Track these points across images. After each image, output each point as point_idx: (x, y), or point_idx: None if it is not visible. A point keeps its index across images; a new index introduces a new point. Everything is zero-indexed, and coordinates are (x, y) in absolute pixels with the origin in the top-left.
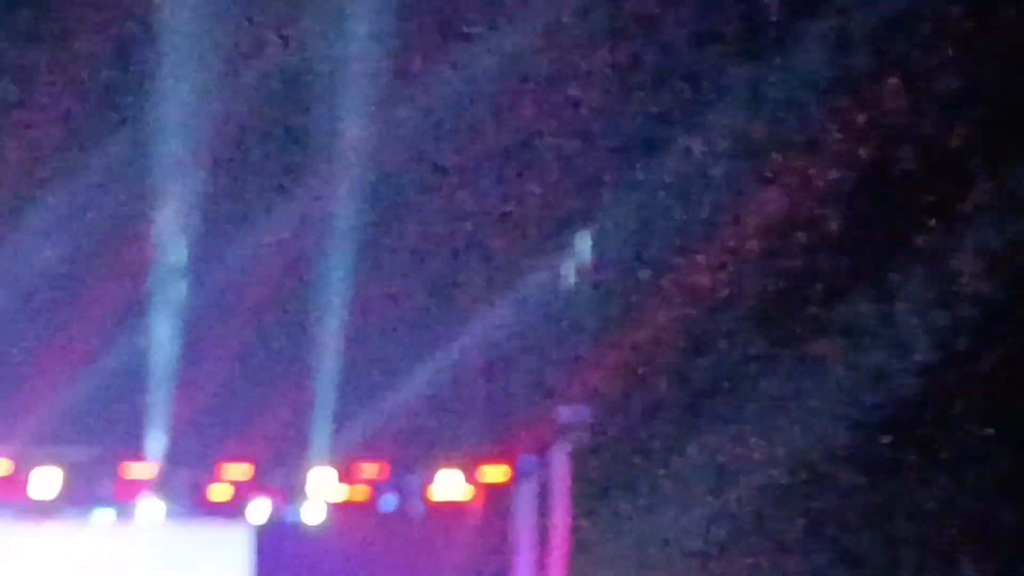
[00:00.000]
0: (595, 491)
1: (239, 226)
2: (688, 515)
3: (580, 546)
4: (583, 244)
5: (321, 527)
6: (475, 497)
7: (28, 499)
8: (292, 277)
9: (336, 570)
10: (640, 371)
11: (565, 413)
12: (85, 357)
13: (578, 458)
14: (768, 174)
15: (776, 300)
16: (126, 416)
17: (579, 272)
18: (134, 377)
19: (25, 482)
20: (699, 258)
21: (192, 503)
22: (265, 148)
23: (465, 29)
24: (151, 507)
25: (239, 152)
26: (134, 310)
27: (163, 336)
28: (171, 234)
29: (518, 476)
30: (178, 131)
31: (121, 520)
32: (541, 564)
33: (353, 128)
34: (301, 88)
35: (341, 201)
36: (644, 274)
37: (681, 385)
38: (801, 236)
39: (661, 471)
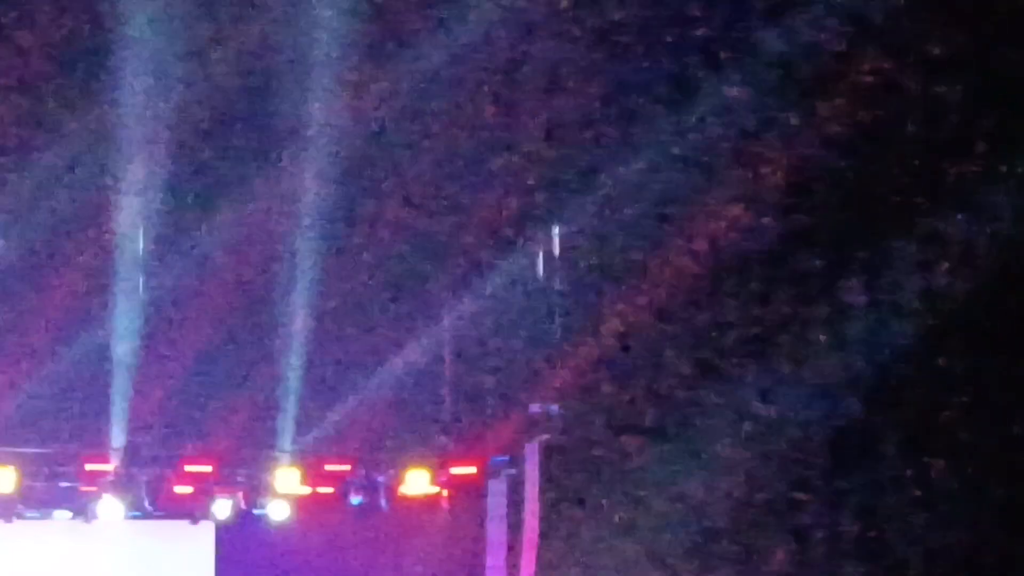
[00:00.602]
0: (565, 487)
1: (201, 219)
2: (659, 511)
3: (551, 542)
4: (551, 240)
5: (286, 524)
6: (445, 494)
7: None
8: (257, 271)
9: (301, 567)
10: (610, 367)
11: (535, 410)
12: (43, 353)
13: (548, 455)
14: (737, 166)
15: (747, 294)
16: (86, 413)
17: (548, 269)
18: (94, 373)
19: None
20: (668, 253)
21: (153, 501)
22: (230, 137)
23: (436, 18)
24: (111, 505)
25: (201, 141)
26: (94, 305)
27: (123, 331)
28: (131, 227)
29: (488, 473)
30: (138, 119)
31: (81, 518)
32: (512, 560)
33: (320, 119)
34: (267, 75)
35: (307, 195)
36: (613, 270)
37: (652, 381)
38: (771, 226)
39: (632, 467)
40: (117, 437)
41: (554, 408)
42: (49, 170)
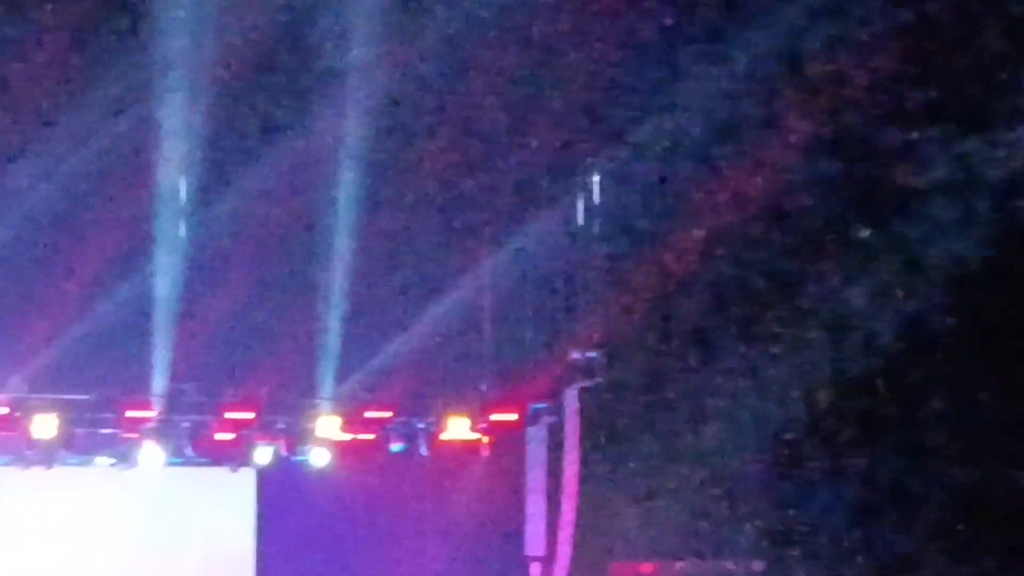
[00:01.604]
0: (605, 434)
1: (243, 163)
2: (699, 457)
3: (590, 489)
4: (591, 188)
5: (326, 470)
6: (485, 440)
7: (28, 444)
8: (298, 219)
9: (341, 513)
10: (650, 314)
11: (575, 356)
12: (85, 300)
13: (587, 401)
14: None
15: (788, 243)
16: (127, 360)
17: (589, 216)
18: (136, 321)
19: (25, 427)
20: (710, 200)
21: (194, 447)
22: (273, 85)
23: None
24: (152, 452)
25: (244, 88)
26: (136, 252)
27: (165, 279)
28: (173, 175)
29: (528, 419)
30: (180, 66)
31: (121, 465)
32: (552, 506)
33: (362, 67)
34: (309, 22)
35: (348, 139)
36: (653, 218)
37: (691, 328)
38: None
39: (671, 414)
40: (158, 384)
41: (593, 355)
42: (92, 118)
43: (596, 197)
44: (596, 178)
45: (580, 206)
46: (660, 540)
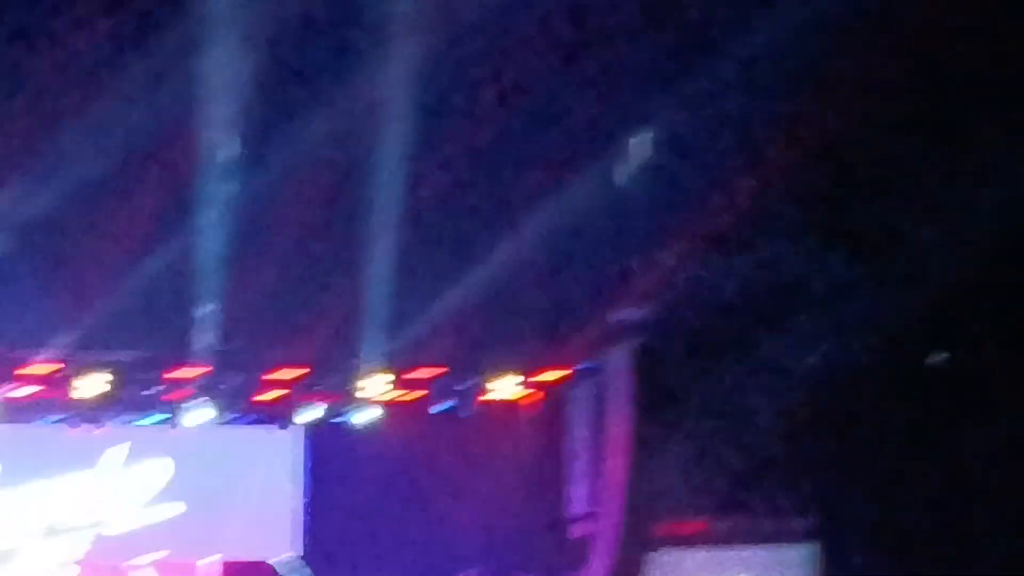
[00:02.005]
0: (652, 393)
1: (291, 121)
2: (748, 416)
3: (639, 448)
4: (641, 145)
5: (373, 429)
6: (532, 399)
7: (76, 404)
8: (346, 175)
9: (389, 472)
10: (698, 272)
11: (623, 316)
12: (134, 258)
13: (636, 360)
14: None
15: (835, 199)
16: (176, 320)
17: (637, 174)
18: (184, 280)
19: (73, 386)
20: (756, 158)
21: (242, 406)
22: (319, 40)
23: None
24: (200, 411)
25: (290, 45)
26: (183, 211)
27: (213, 238)
28: (221, 129)
29: (575, 378)
30: (226, 23)
31: (170, 424)
32: (600, 465)
33: (406, 21)
34: None
35: (396, 98)
36: (701, 175)
37: (740, 287)
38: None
39: (719, 373)
40: (206, 343)
41: (641, 314)
42: (138, 77)
43: (647, 154)
44: (648, 135)
45: (630, 163)
46: (706, 500)
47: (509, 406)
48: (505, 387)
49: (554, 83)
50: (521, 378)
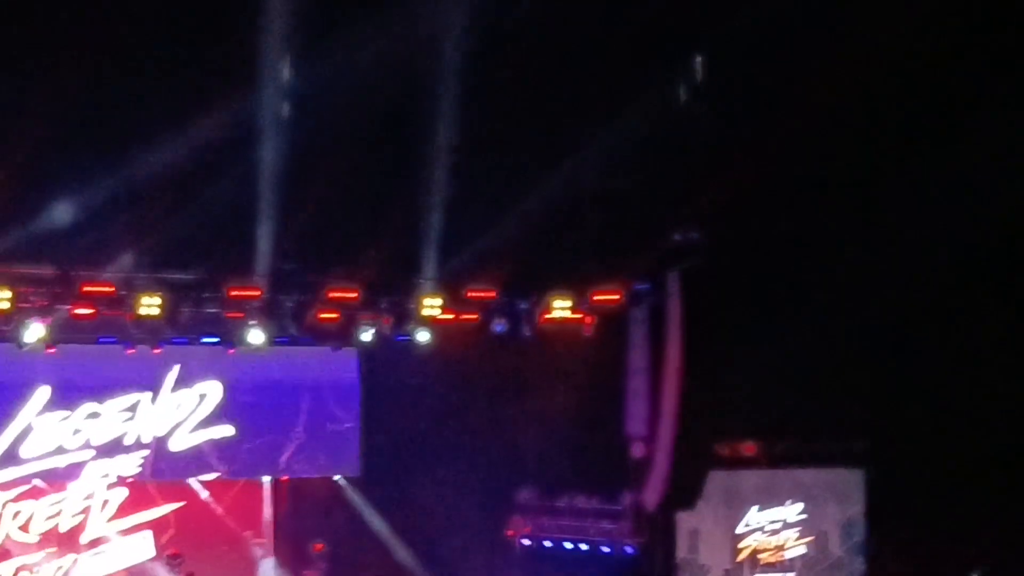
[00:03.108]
0: (707, 314)
1: (345, 42)
2: (800, 339)
3: (694, 369)
4: (696, 68)
5: (429, 350)
6: (590, 320)
7: (134, 323)
8: (402, 99)
9: (444, 393)
10: (753, 196)
11: (677, 237)
12: (190, 181)
13: (690, 282)
14: None
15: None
16: (232, 240)
17: (692, 96)
18: (241, 201)
19: (131, 306)
20: (815, 80)
21: (298, 327)
22: None
23: None
24: (257, 331)
25: None
26: (240, 133)
27: (269, 159)
28: (276, 51)
29: (630, 300)
30: None
31: (226, 344)
32: (654, 386)
33: None
34: None
35: (452, 17)
36: (758, 98)
37: (794, 211)
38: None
39: (773, 295)
40: (263, 264)
41: (696, 236)
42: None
43: (700, 76)
44: (699, 59)
45: (685, 87)
46: (762, 420)
47: (568, 326)
48: (561, 308)
49: (610, 7)
50: (576, 300)
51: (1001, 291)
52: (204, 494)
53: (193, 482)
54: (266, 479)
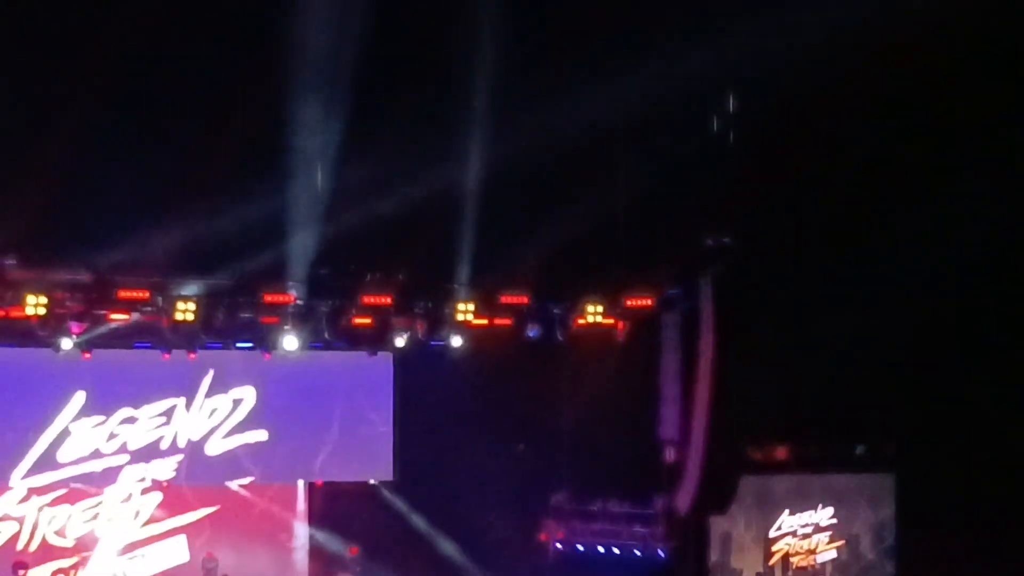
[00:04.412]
0: (739, 319)
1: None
2: (832, 342)
3: (726, 374)
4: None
5: (463, 355)
6: (622, 325)
7: (170, 328)
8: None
9: (478, 398)
10: (785, 200)
11: (709, 243)
12: (227, 184)
13: (722, 287)
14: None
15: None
16: (267, 246)
17: (723, 103)
18: (277, 206)
19: (167, 312)
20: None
21: (333, 332)
22: None
23: None
24: (291, 336)
25: None
26: (275, 137)
27: (305, 163)
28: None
29: (663, 305)
30: None
31: (261, 349)
32: (687, 391)
33: None
34: None
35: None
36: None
37: (826, 214)
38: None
39: (805, 299)
40: (297, 269)
41: (728, 240)
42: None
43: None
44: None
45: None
46: (794, 424)
47: (601, 331)
48: (597, 312)
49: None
50: (609, 305)
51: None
52: (239, 498)
53: (228, 486)
54: (300, 483)
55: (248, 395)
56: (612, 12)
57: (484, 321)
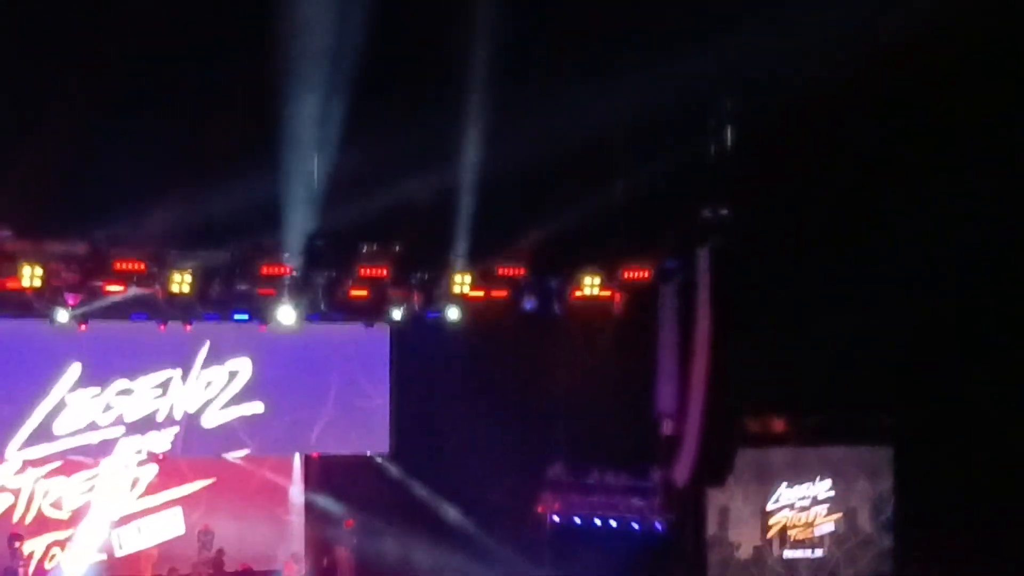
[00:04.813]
0: (736, 291)
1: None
2: (830, 314)
3: (723, 346)
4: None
5: (459, 327)
6: (616, 298)
7: (166, 300)
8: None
9: (474, 370)
10: (783, 172)
11: (707, 214)
12: (219, 158)
13: (720, 259)
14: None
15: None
16: (262, 217)
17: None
18: (271, 177)
19: (162, 283)
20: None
21: (330, 303)
22: None
23: None
24: (288, 308)
25: None
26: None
27: (304, 135)
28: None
29: (660, 277)
30: None
31: (257, 321)
32: (684, 363)
33: None
34: None
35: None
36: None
37: (824, 187)
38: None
39: (802, 271)
40: (294, 241)
41: (725, 212)
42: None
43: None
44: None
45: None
46: (791, 396)
47: (598, 303)
48: (594, 284)
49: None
50: (606, 277)
51: None
52: (235, 471)
53: (224, 458)
54: (296, 455)
55: (244, 367)
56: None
57: (480, 293)
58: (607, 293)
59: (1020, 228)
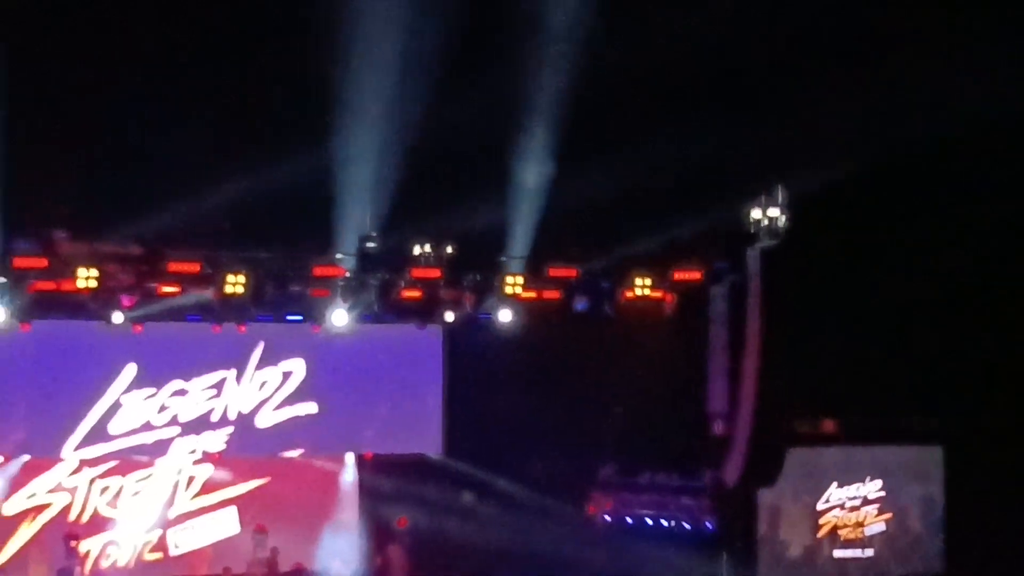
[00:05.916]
0: (787, 292)
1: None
2: (880, 314)
3: (772, 347)
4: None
5: (512, 328)
6: (667, 298)
7: (219, 302)
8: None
9: (527, 370)
10: (836, 174)
11: (758, 216)
12: (272, 159)
13: (770, 260)
14: None
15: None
16: (317, 219)
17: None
18: (327, 180)
19: (216, 285)
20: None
21: (383, 305)
22: None
23: None
24: (341, 309)
25: None
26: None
27: (353, 136)
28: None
29: (711, 278)
30: None
31: (311, 322)
32: (735, 364)
33: None
34: None
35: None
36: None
37: (877, 188)
38: None
39: (853, 273)
40: (347, 242)
41: (776, 214)
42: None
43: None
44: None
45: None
46: (841, 396)
47: (649, 304)
48: (645, 285)
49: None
50: (657, 278)
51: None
52: (289, 470)
53: (278, 458)
54: (350, 455)
55: (298, 368)
56: None
57: (533, 294)
58: (658, 294)
59: None
